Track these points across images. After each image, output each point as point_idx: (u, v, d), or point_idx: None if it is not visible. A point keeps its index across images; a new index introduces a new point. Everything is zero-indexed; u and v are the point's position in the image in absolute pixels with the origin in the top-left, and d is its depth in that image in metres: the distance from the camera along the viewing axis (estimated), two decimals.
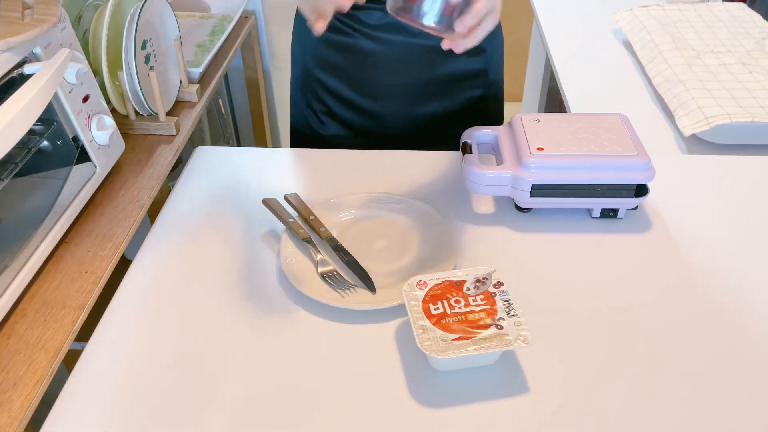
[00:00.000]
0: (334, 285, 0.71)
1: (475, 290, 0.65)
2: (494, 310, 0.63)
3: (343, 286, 0.71)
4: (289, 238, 0.77)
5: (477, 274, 0.67)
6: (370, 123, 1.03)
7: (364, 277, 0.72)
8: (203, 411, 0.60)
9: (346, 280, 0.73)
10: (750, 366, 0.64)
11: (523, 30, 2.48)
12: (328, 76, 1.02)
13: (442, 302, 0.64)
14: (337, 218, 0.82)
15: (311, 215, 0.80)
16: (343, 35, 0.97)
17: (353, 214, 0.83)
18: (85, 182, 0.84)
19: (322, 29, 0.68)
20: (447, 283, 0.66)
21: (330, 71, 1.01)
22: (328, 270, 0.73)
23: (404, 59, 0.97)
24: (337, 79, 1.01)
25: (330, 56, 1.00)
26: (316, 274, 0.73)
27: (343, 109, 1.03)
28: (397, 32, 0.95)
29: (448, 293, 0.65)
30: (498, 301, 0.64)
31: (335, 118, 1.05)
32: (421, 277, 0.66)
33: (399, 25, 0.94)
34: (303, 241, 0.76)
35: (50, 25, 0.76)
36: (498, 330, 0.61)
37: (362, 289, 0.71)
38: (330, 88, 1.02)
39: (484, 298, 0.64)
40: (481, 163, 0.81)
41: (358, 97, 1.01)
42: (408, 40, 0.96)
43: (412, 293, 0.65)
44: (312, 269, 0.74)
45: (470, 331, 0.61)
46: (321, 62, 1.01)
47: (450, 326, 0.61)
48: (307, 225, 0.80)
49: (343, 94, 1.02)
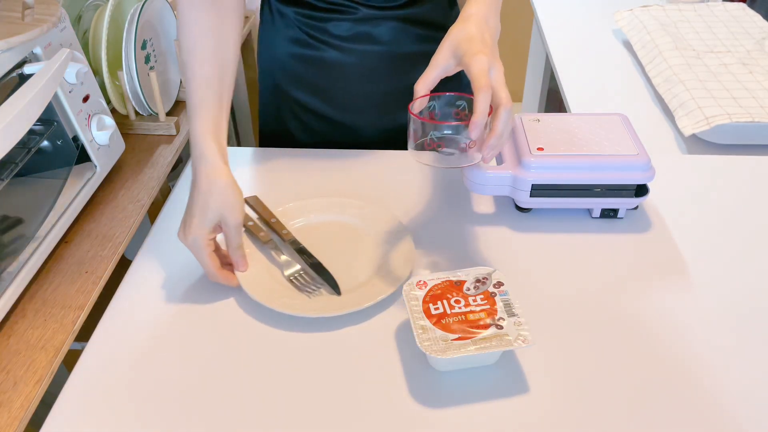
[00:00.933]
0: (301, 286, 0.71)
1: (475, 290, 0.65)
2: (494, 310, 0.63)
3: (311, 287, 0.71)
4: (248, 241, 0.77)
5: (477, 274, 0.67)
6: (344, 134, 1.01)
7: (329, 280, 0.72)
8: (203, 411, 0.60)
9: (312, 281, 0.72)
10: (750, 366, 0.64)
11: (523, 30, 2.48)
12: (298, 90, 0.99)
13: (442, 302, 0.64)
14: (296, 222, 0.81)
15: (272, 218, 0.79)
16: (311, 49, 0.95)
17: (312, 218, 0.82)
18: (85, 182, 0.84)
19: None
20: (447, 283, 0.66)
21: (300, 85, 0.99)
22: (295, 272, 0.73)
23: (375, 69, 0.95)
24: (308, 92, 0.99)
25: (299, 70, 0.97)
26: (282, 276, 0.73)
27: (315, 121, 1.01)
28: (366, 42, 0.93)
29: (448, 293, 0.65)
30: (498, 301, 0.64)
31: (307, 129, 1.03)
32: (421, 277, 0.66)
33: (368, 35, 0.93)
34: (264, 245, 0.76)
35: (50, 25, 0.76)
36: (498, 330, 0.61)
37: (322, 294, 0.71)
38: (300, 101, 1.00)
39: (484, 298, 0.64)
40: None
41: (330, 109, 1.00)
42: (378, 50, 0.94)
43: (412, 293, 0.65)
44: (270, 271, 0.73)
45: (470, 331, 0.61)
46: (290, 76, 0.98)
47: (450, 326, 0.61)
48: (268, 227, 0.79)
49: (314, 107, 1.00)
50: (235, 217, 0.69)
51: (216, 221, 0.69)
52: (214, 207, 0.68)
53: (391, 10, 0.91)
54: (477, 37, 0.66)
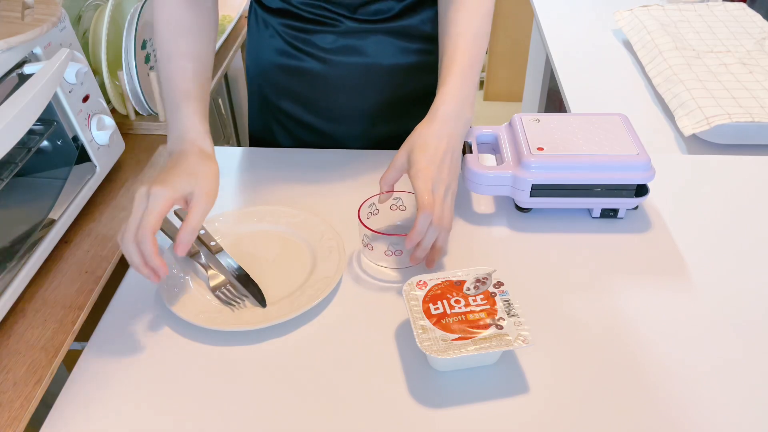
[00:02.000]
0: (226, 300, 0.70)
1: (475, 290, 0.65)
2: (494, 310, 0.63)
3: (236, 300, 0.70)
4: (172, 254, 0.75)
5: (477, 274, 0.67)
6: (331, 145, 0.99)
7: (255, 292, 0.70)
8: (203, 410, 0.60)
9: (237, 293, 0.71)
10: (750, 366, 0.64)
11: (523, 30, 2.48)
12: (284, 100, 0.99)
13: (442, 302, 0.64)
14: (229, 233, 0.80)
15: (201, 229, 0.77)
16: (295, 60, 0.94)
17: (243, 228, 0.80)
18: (85, 182, 0.84)
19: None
20: (447, 283, 0.66)
21: (286, 96, 0.98)
22: (219, 283, 0.72)
23: (361, 81, 0.95)
24: (294, 103, 0.98)
25: (285, 80, 0.97)
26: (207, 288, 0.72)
27: (301, 131, 1.01)
28: (352, 54, 0.92)
29: (448, 293, 0.65)
30: (498, 301, 0.64)
31: (295, 139, 1.02)
32: (421, 277, 0.66)
33: (353, 48, 0.92)
34: (190, 257, 0.75)
35: (50, 25, 0.76)
36: (498, 330, 0.61)
37: (247, 306, 0.70)
38: (287, 111, 0.99)
39: (484, 298, 0.64)
40: (481, 163, 0.81)
41: (316, 119, 0.99)
42: (363, 62, 0.93)
43: (412, 293, 0.65)
44: (197, 284, 0.73)
45: (470, 331, 0.61)
46: (276, 86, 0.98)
47: (450, 326, 0.61)
48: (196, 240, 0.77)
49: (300, 117, 0.99)
50: (209, 201, 0.66)
51: (189, 191, 0.65)
52: (195, 178, 0.66)
53: (377, 23, 0.91)
54: (431, 147, 0.71)
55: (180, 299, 0.70)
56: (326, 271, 0.73)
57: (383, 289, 0.73)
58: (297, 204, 0.84)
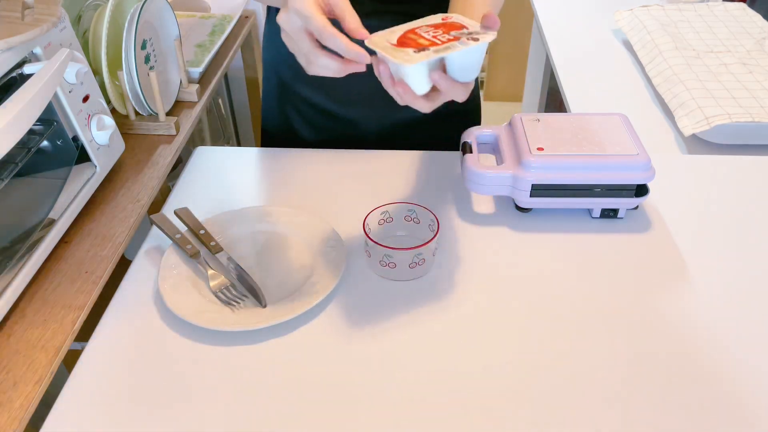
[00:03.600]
0: (225, 300, 0.70)
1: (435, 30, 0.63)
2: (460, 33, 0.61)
3: (236, 300, 0.70)
4: (176, 254, 0.75)
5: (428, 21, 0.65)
6: (348, 129, 1.01)
7: (255, 293, 0.70)
8: (203, 411, 0.60)
9: (237, 293, 0.71)
10: (750, 366, 0.64)
11: (523, 30, 2.49)
12: (302, 85, 1.00)
13: (412, 38, 0.62)
14: (229, 233, 0.80)
15: (201, 229, 0.78)
16: None
17: (245, 228, 0.80)
18: (85, 182, 0.84)
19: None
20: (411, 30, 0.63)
21: (304, 81, 0.99)
22: (219, 283, 0.72)
23: None
24: (312, 88, 0.99)
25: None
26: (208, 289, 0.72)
27: (318, 116, 1.02)
28: None
29: (415, 33, 0.62)
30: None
31: (312, 125, 1.03)
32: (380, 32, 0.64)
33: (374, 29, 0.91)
34: (191, 257, 0.75)
35: (50, 25, 0.76)
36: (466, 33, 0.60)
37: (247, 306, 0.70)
38: (306, 97, 1.00)
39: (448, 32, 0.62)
40: (481, 163, 0.81)
41: (333, 104, 1.00)
42: None
43: (381, 43, 0.62)
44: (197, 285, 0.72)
45: (441, 40, 0.60)
46: (295, 72, 0.99)
47: (418, 40, 0.60)
48: (196, 239, 0.78)
49: (319, 103, 1.00)
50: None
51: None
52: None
53: (397, 3, 0.91)
54: None
55: (180, 299, 0.70)
56: (326, 272, 0.73)
57: (383, 290, 0.73)
58: (297, 204, 0.85)
